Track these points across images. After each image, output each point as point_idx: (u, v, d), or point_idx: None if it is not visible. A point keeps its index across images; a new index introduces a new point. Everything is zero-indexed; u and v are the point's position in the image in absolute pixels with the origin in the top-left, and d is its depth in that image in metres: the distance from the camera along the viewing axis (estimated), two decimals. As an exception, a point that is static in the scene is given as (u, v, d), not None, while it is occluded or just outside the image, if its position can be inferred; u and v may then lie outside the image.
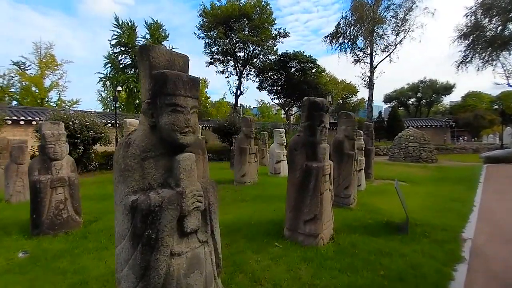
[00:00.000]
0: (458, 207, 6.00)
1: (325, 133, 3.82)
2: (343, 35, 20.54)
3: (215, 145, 17.64)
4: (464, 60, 21.64)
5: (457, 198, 6.89)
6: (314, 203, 3.64)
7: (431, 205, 6.20)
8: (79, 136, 8.59)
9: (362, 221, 4.81)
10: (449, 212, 5.64)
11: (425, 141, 16.99)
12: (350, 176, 5.72)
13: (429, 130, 27.93)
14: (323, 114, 3.79)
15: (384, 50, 19.79)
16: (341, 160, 5.80)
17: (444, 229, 4.53)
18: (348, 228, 4.44)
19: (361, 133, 7.95)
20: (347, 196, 5.72)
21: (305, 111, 3.91)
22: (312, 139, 3.84)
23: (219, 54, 25.45)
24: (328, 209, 3.93)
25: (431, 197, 7.13)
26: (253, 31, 23.26)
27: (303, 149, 3.82)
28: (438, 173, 11.82)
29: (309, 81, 25.74)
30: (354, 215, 5.17)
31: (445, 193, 7.60)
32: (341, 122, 6.03)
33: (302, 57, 24.73)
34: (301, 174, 3.73)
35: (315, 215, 3.63)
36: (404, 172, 12.06)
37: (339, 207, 5.67)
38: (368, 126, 10.11)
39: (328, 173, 3.91)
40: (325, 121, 3.82)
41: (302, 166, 3.75)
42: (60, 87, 24.97)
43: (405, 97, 49.88)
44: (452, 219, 5.13)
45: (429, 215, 5.35)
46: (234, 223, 4.38)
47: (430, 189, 8.30)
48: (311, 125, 3.85)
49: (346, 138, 5.91)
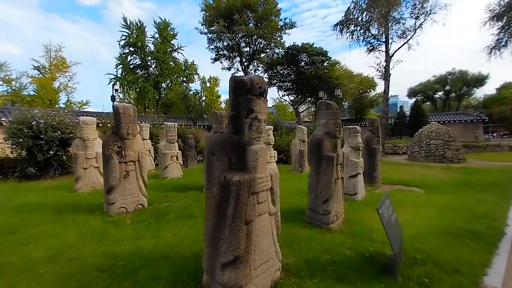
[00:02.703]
0: (483, 229, 4.37)
1: (258, 128, 2.50)
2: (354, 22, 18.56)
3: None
4: (497, 45, 18.75)
5: (483, 213, 5.21)
6: (234, 237, 2.34)
7: (445, 225, 4.61)
8: (43, 137, 7.87)
9: (337, 253, 3.43)
10: (469, 237, 4.05)
11: (450, 137, 14.78)
12: (330, 185, 4.32)
13: (458, 126, 25.07)
14: (252, 100, 2.48)
15: (402, 36, 17.56)
16: (319, 165, 4.42)
17: (457, 270, 3.04)
18: (310, 265, 3.09)
19: (358, 129, 6.43)
20: (325, 213, 4.33)
21: (231, 96, 2.62)
22: (237, 138, 2.54)
23: (224, 49, 24.37)
24: (266, 242, 2.62)
25: (448, 211, 5.50)
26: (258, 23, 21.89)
27: (223, 152, 2.54)
28: (464, 176, 9.86)
29: (320, 75, 23.91)
30: (330, 242, 3.78)
31: (468, 204, 5.90)
32: (320, 115, 4.62)
33: (312, 50, 22.96)
34: (218, 191, 2.45)
35: (235, 256, 2.34)
36: (421, 175, 10.23)
37: (314, 228, 4.32)
38: (373, 121, 8.48)
39: (267, 188, 2.60)
40: (257, 110, 2.50)
41: (219, 178, 2.47)
42: (69, 88, 25.22)
43: (432, 91, 46.06)
44: (472, 250, 3.58)
45: (438, 242, 3.83)
46: (143, 256, 3.18)
47: (450, 198, 6.59)
48: (235, 117, 2.56)
49: (327, 135, 4.51)
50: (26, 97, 23.22)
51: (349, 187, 6.26)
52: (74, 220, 4.48)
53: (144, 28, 29.34)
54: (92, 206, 5.20)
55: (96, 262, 3.06)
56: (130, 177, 4.84)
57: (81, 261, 3.11)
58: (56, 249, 3.43)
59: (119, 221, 4.39)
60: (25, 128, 7.73)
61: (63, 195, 6.23)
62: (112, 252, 3.31)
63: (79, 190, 6.59)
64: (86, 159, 6.78)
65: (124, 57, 28.66)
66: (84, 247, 3.47)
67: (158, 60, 28.96)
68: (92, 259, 3.14)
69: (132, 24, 28.72)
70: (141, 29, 29.05)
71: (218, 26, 21.18)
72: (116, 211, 4.67)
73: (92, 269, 2.90)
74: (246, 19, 21.89)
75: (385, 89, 18.13)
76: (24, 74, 23.27)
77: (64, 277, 2.78)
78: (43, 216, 4.63)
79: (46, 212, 4.83)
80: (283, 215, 4.96)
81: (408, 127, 27.08)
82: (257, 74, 20.85)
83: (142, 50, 28.84)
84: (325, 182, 4.36)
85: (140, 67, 29.94)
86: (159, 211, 4.93)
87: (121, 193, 4.74)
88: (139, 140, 5.04)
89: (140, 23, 29.39)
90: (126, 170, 4.78)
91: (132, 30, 28.48)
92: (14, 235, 3.86)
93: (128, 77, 27.81)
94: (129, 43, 28.54)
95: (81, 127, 6.74)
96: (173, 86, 28.99)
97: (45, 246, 3.52)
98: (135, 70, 29.28)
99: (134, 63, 29.79)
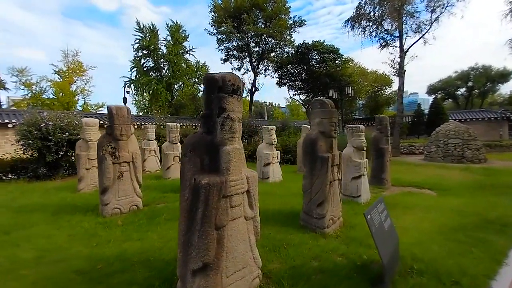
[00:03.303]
0: (493, 235, 4.01)
1: (231, 127, 2.37)
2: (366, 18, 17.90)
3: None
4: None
5: (497, 218, 4.79)
6: (202, 243, 2.22)
7: (452, 231, 4.27)
8: (51, 139, 8.13)
9: (326, 260, 3.23)
10: (477, 244, 3.71)
11: (470, 136, 13.95)
12: (325, 188, 4.10)
13: (481, 124, 23.70)
14: (224, 98, 2.35)
15: (417, 31, 16.74)
16: (313, 166, 4.21)
17: (456, 282, 2.76)
18: (295, 273, 2.92)
19: (361, 128, 6.13)
20: (320, 217, 4.11)
21: (204, 94, 2.50)
22: (210, 138, 2.42)
23: (234, 50, 24.37)
24: (241, 248, 2.47)
25: (459, 215, 5.11)
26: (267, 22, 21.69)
27: (195, 153, 2.42)
28: (483, 177, 9.23)
29: (332, 73, 23.36)
30: (322, 247, 3.57)
31: (483, 208, 5.47)
32: (314, 113, 4.41)
33: (322, 47, 22.48)
34: (189, 194, 2.34)
35: (204, 263, 2.21)
36: (435, 176, 9.70)
37: (308, 232, 4.12)
38: (382, 119, 8.09)
39: (242, 191, 2.45)
40: (230, 109, 2.36)
41: (190, 181, 2.36)
42: (86, 91, 26.16)
43: (453, 87, 43.92)
44: (478, 260, 3.26)
45: (441, 250, 3.52)
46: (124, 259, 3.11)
47: (463, 202, 6.15)
48: (207, 116, 2.44)
49: (321, 135, 4.29)
50: (45, 100, 24.31)
51: (352, 189, 5.99)
52: (69, 221, 4.53)
53: (157, 31, 29.97)
54: (90, 206, 5.26)
55: (78, 264, 3.04)
56: (124, 178, 4.85)
57: (64, 263, 3.10)
58: (44, 250, 3.45)
59: (110, 222, 4.39)
60: (34, 130, 8.03)
61: (65, 195, 6.37)
62: (96, 254, 3.28)
63: (82, 191, 6.73)
64: (89, 160, 6.92)
65: (138, 60, 29.39)
66: (71, 249, 3.47)
67: (170, 62, 29.45)
68: (75, 261, 3.12)
69: (145, 27, 29.41)
70: (153, 32, 29.65)
71: (227, 27, 21.19)
72: (110, 212, 4.69)
73: (71, 272, 2.88)
74: (255, 18, 21.75)
75: (399, 86, 17.38)
76: (43, 78, 24.40)
77: (43, 279, 2.77)
78: (41, 217, 4.73)
79: (44, 213, 4.93)
80: (277, 218, 4.82)
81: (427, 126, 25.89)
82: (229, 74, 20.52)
83: (155, 53, 29.44)
84: (319, 184, 4.14)
85: (153, 70, 30.57)
86: (153, 212, 4.90)
87: (115, 194, 4.75)
88: (134, 141, 5.05)
89: (153, 27, 30.03)
90: (120, 171, 4.79)
91: (145, 33, 29.15)
92: (8, 235, 3.94)
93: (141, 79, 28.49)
94: (142, 47, 29.22)
95: (83, 128, 6.89)
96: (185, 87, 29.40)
97: (35, 247, 3.55)
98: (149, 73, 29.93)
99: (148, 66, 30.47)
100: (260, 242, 3.64)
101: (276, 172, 8.38)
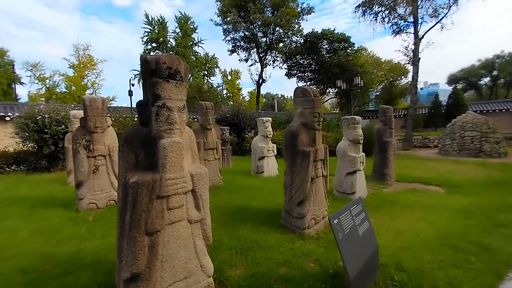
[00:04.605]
0: (499, 242, 3.49)
1: (168, 118, 2.04)
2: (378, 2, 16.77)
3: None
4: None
5: (508, 221, 4.23)
6: (131, 250, 1.93)
7: (452, 235, 3.78)
8: (47, 131, 8.15)
9: (297, 266, 2.88)
10: (478, 252, 3.23)
11: (489, 128, 12.91)
12: (305, 185, 3.72)
13: (506, 116, 22.18)
14: (158, 83, 2.01)
15: (434, 15, 15.50)
16: (293, 162, 3.83)
17: (441, 299, 2.34)
18: (255, 281, 2.60)
19: (357, 119, 5.63)
20: (300, 216, 3.75)
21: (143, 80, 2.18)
22: (146, 131, 2.11)
23: (241, 41, 23.82)
24: (182, 255, 2.17)
25: (464, 217, 4.59)
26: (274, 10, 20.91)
27: (128, 148, 2.12)
28: (500, 174, 8.46)
29: (343, 63, 22.36)
30: (296, 251, 3.22)
31: (493, 209, 4.90)
32: (296, 103, 3.99)
33: (332, 36, 21.48)
34: (122, 194, 2.05)
35: (132, 273, 1.93)
36: (447, 172, 9.00)
37: (287, 232, 3.78)
38: (385, 110, 7.49)
39: (183, 191, 2.13)
40: (165, 96, 2.03)
41: (122, 179, 2.07)
42: (96, 85, 26.60)
43: (476, 77, 41.23)
44: (475, 272, 2.81)
45: (433, 258, 3.08)
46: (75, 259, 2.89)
47: (473, 201, 5.58)
48: (143, 105, 2.12)
49: (303, 127, 3.88)
50: (59, 94, 24.95)
51: (346, 186, 5.55)
52: (42, 215, 4.42)
53: (166, 24, 29.85)
54: (70, 200, 5.13)
55: (27, 263, 2.87)
56: (100, 172, 4.67)
57: (15, 260, 2.95)
58: (3, 246, 3.32)
59: (82, 218, 4.23)
60: (31, 123, 8.08)
61: (54, 188, 6.33)
62: (50, 253, 3.11)
63: (71, 184, 6.66)
64: (78, 153, 6.84)
65: (147, 53, 29.49)
66: (29, 246, 3.33)
67: (178, 55, 29.35)
68: (26, 259, 2.96)
69: (153, 20, 29.34)
70: (162, 25, 29.57)
71: (233, 16, 20.63)
72: (85, 206, 4.54)
73: (17, 271, 2.71)
74: (262, 6, 21.03)
75: (413, 75, 16.30)
76: (56, 72, 25.01)
77: (-13, 279, 2.60)
78: (17, 210, 4.65)
79: (23, 206, 4.86)
80: (259, 216, 4.49)
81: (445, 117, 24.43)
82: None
83: (163, 45, 29.41)
84: (299, 181, 3.77)
85: (163, 62, 30.61)
86: (130, 208, 4.70)
87: (91, 188, 4.59)
88: (111, 134, 4.84)
89: (162, 19, 29.92)
90: (95, 164, 4.61)
91: (154, 26, 29.10)
92: (-24, 229, 3.85)
93: (149, 72, 28.57)
94: (151, 39, 29.26)
95: (72, 121, 6.79)
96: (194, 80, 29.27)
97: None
98: (158, 65, 29.98)
99: (157, 59, 30.51)
100: (228, 244, 3.36)
101: (272, 166, 8.01)
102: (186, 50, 29.53)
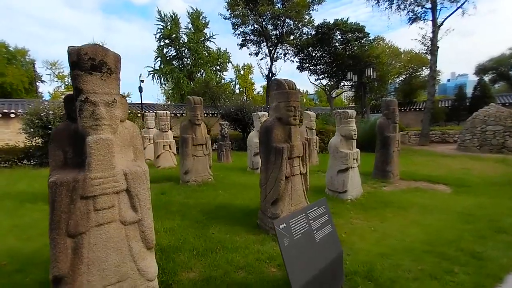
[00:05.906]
0: (495, 251, 3.10)
1: (93, 113, 1.90)
2: (393, -12, 15.78)
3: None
4: None
5: (511, 226, 3.77)
6: (52, 253, 1.84)
7: (443, 241, 3.43)
8: (51, 127, 8.43)
9: (257, 271, 2.70)
10: (468, 262, 2.88)
11: (514, 122, 11.87)
12: (279, 183, 3.50)
13: (537, 108, 20.33)
14: (80, 76, 1.87)
15: (454, 0, 14.32)
16: (268, 159, 3.62)
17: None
18: (208, 285, 2.45)
19: (349, 113, 5.27)
20: (274, 216, 3.54)
21: (72, 74, 2.05)
22: (74, 127, 2.00)
23: (251, 34, 23.45)
24: (114, 259, 2.05)
25: (464, 220, 4.17)
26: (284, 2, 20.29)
27: (56, 145, 2.02)
28: (520, 172, 7.72)
29: (357, 54, 21.42)
30: (262, 253, 3.03)
31: (500, 212, 4.43)
32: (271, 96, 3.75)
33: (345, 26, 20.58)
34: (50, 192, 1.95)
35: (54, 276, 1.84)
36: (460, 169, 8.37)
37: (261, 233, 3.60)
38: (389, 103, 7.00)
39: (112, 191, 2.00)
40: (88, 90, 1.89)
41: (48, 178, 1.97)
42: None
43: (507, 67, 38.13)
44: (455, 285, 2.48)
45: (412, 267, 2.78)
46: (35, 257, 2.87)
47: (479, 202, 5.10)
48: (70, 100, 2.01)
49: (278, 122, 3.65)
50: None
51: (337, 184, 5.25)
52: (27, 209, 4.52)
53: (178, 20, 30.02)
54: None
55: (-11, 259, 2.88)
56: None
57: (-20, 256, 2.98)
58: (-23, 241, 3.39)
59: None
60: (36, 119, 8.39)
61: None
62: (17, 248, 3.14)
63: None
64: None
65: (161, 50, 29.89)
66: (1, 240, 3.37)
67: (191, 50, 29.48)
68: (-9, 255, 2.99)
69: (166, 16, 29.60)
70: (175, 21, 29.78)
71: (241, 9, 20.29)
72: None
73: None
74: (270, -3, 20.51)
75: (431, 66, 15.27)
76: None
77: None
78: (8, 204, 4.80)
79: (14, 201, 5.01)
80: (238, 215, 4.31)
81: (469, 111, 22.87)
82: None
83: (176, 41, 29.65)
84: (273, 179, 3.55)
85: (176, 58, 30.95)
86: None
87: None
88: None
89: (174, 15, 30.12)
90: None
91: (166, 22, 29.37)
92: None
93: (163, 68, 29.02)
94: (164, 36, 29.58)
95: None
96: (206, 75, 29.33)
97: (-27, 236, 3.51)
98: (171, 62, 30.35)
99: (170, 55, 30.89)
100: (192, 245, 3.23)
101: (268, 162, 7.77)
102: (198, 46, 29.60)
